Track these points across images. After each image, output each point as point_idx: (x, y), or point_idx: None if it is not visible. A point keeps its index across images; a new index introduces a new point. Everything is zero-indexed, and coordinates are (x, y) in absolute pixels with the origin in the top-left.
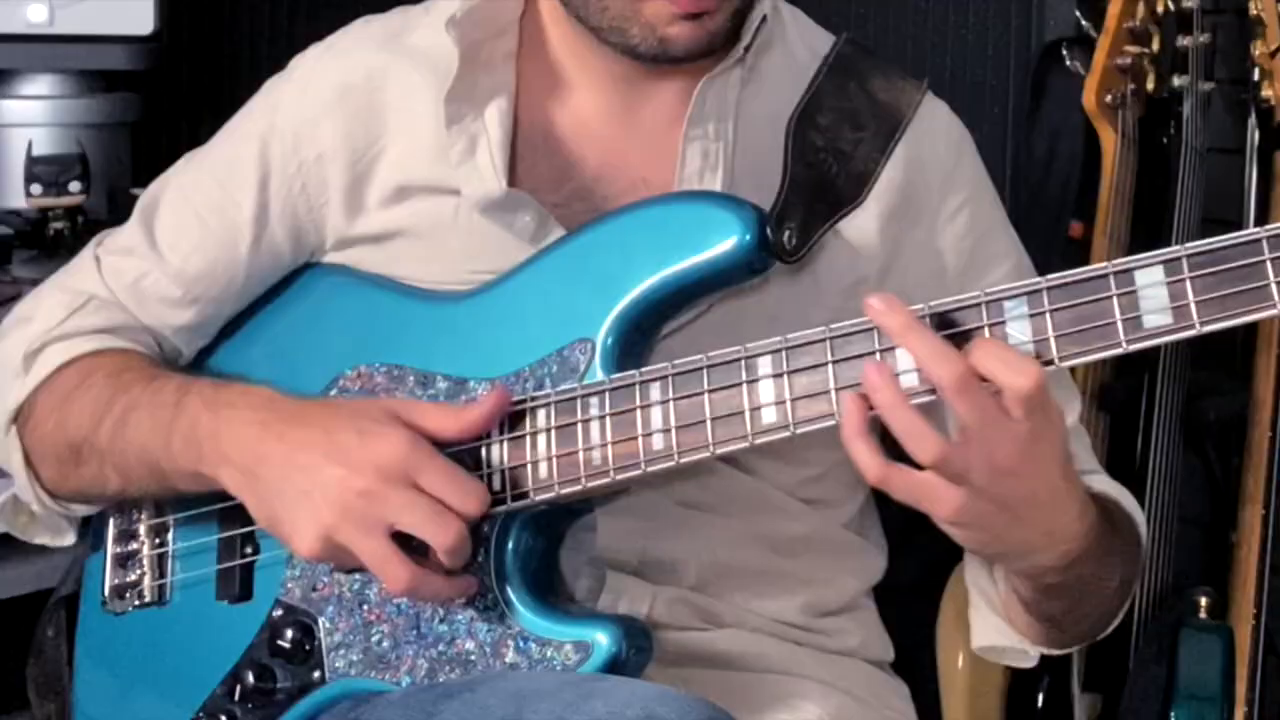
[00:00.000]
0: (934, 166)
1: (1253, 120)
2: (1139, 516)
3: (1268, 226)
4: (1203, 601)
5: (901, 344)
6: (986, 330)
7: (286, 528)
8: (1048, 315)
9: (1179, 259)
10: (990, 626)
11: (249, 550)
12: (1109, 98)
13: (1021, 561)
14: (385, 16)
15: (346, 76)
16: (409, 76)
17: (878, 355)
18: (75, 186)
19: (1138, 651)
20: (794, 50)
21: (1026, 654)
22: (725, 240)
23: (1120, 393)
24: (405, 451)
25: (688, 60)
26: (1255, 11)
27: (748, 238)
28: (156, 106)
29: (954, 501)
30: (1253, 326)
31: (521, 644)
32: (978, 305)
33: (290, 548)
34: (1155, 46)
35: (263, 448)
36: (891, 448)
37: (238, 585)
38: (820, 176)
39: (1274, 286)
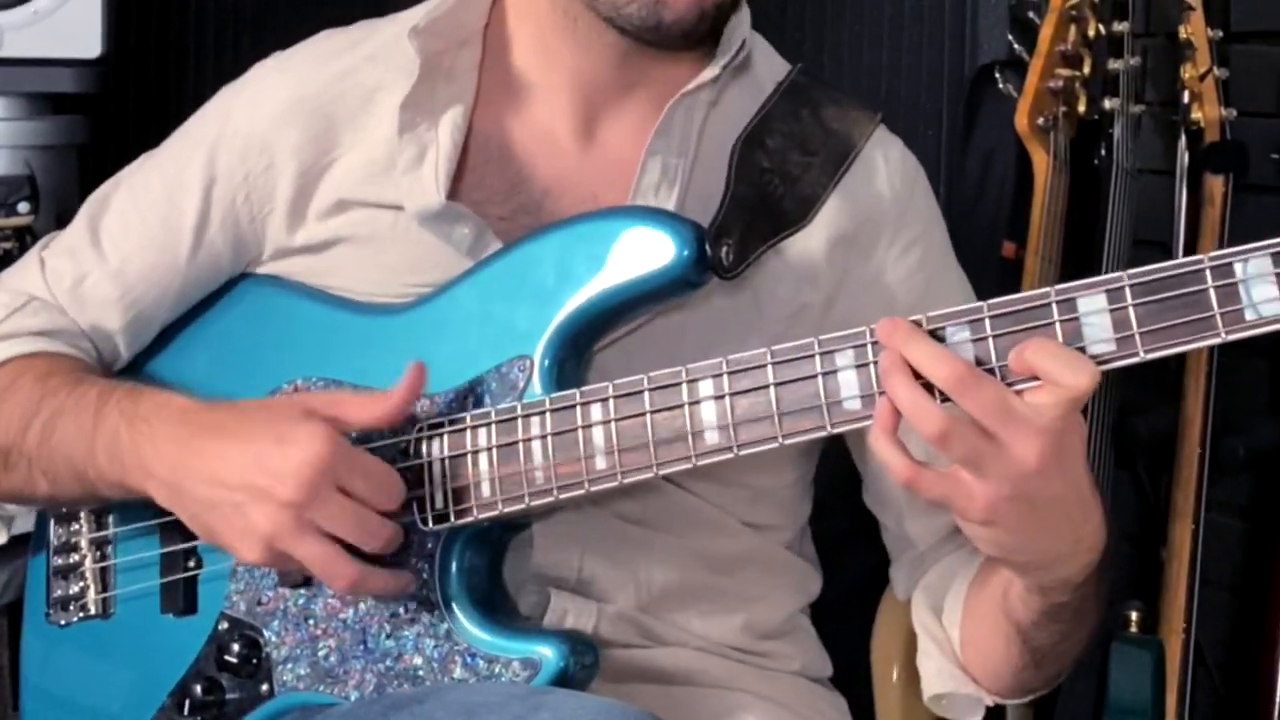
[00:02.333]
0: (887, 200)
1: (1183, 142)
2: None
3: (1211, 254)
4: (1133, 615)
5: (904, 353)
6: None
7: (226, 540)
8: (990, 341)
9: (1122, 286)
10: (945, 674)
11: (191, 564)
12: (1041, 120)
13: (1047, 573)
14: (347, 29)
15: (301, 88)
16: (367, 88)
17: (820, 379)
18: (24, 207)
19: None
20: (758, 76)
21: (979, 702)
22: (662, 255)
23: None
24: (325, 457)
25: (675, 33)
26: (1185, 35)
27: (685, 253)
28: (104, 128)
29: (985, 498)
30: None
31: (469, 660)
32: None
33: (237, 558)
34: (1086, 69)
35: (184, 464)
36: None
37: (181, 599)
38: (764, 196)
39: (1218, 315)
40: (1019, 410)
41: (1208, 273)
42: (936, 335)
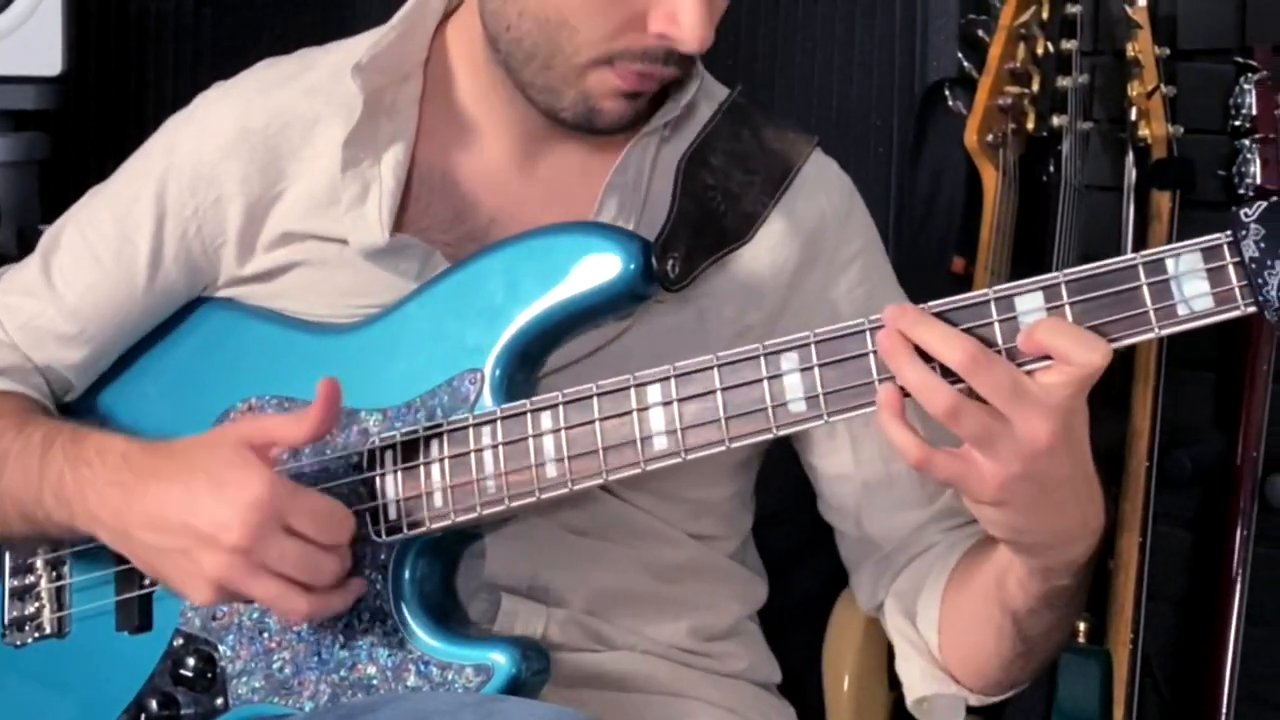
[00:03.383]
0: (828, 218)
1: (1130, 158)
2: None
3: (1143, 252)
4: (1081, 626)
5: (914, 335)
6: (871, 358)
7: (176, 584)
8: None
9: (1058, 284)
10: (927, 676)
11: (146, 581)
12: (990, 136)
13: (1053, 554)
14: (287, 59)
15: (246, 120)
16: (308, 121)
17: (765, 383)
18: None
19: None
20: (699, 103)
21: (962, 701)
22: (609, 268)
23: None
24: (266, 499)
25: (603, 132)
26: (1133, 53)
27: (632, 266)
28: (65, 145)
29: (996, 477)
30: (1130, 357)
31: (422, 668)
32: (861, 332)
33: (188, 601)
34: (1035, 87)
35: (128, 511)
36: None
37: (137, 616)
38: (708, 212)
39: (1151, 311)
40: (1030, 390)
41: (1140, 270)
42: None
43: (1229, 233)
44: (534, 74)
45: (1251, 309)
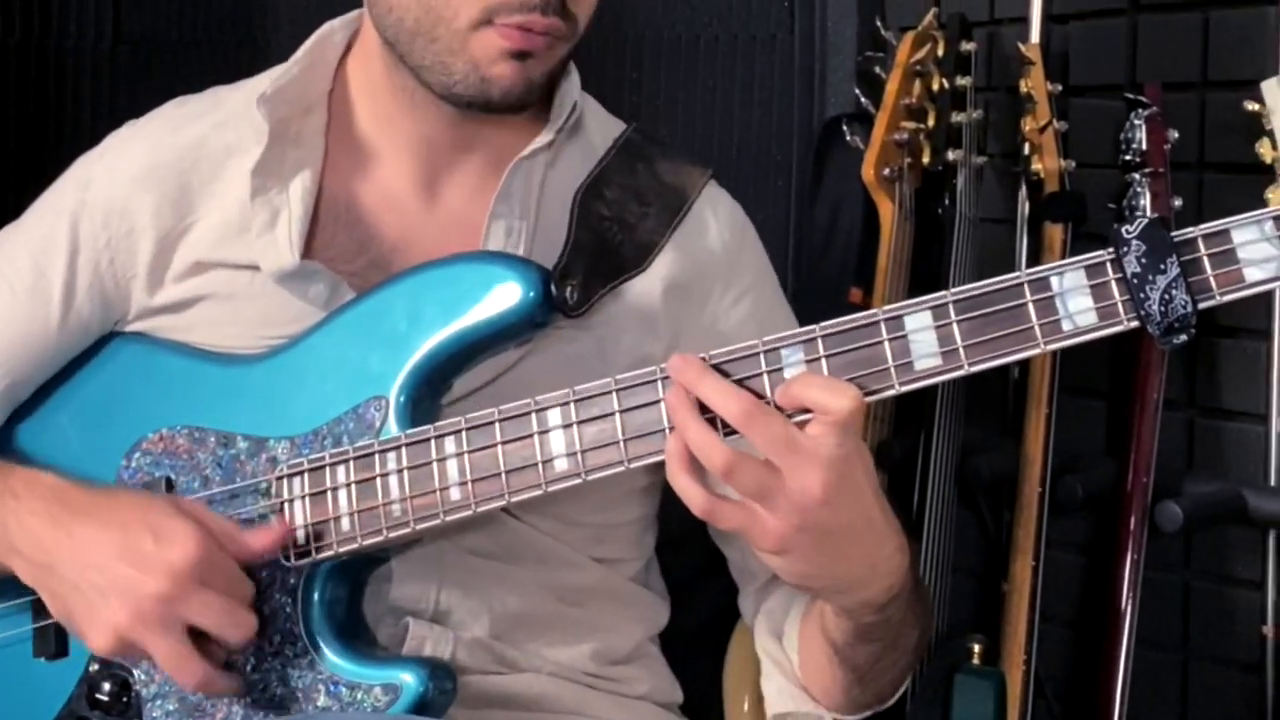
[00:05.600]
0: (719, 252)
1: (1023, 192)
2: None
3: (1027, 270)
4: (976, 648)
5: (696, 391)
6: (765, 377)
7: (81, 625)
8: (823, 361)
9: (945, 304)
10: (785, 694)
11: None
12: (887, 171)
13: (846, 597)
14: (196, 97)
15: (157, 156)
16: (220, 154)
17: (663, 406)
18: None
19: (914, 696)
20: (591, 137)
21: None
22: (510, 295)
23: (898, 450)
24: (200, 554)
25: (502, 106)
26: (1026, 89)
27: (531, 294)
28: None
29: (776, 530)
30: (1023, 386)
31: (332, 688)
32: (755, 354)
33: (85, 644)
34: (931, 122)
35: (53, 544)
36: None
37: (54, 643)
38: (604, 242)
39: (1037, 327)
40: (801, 443)
41: (1026, 287)
42: (773, 356)
43: (1111, 250)
44: (423, 52)
45: (1135, 323)
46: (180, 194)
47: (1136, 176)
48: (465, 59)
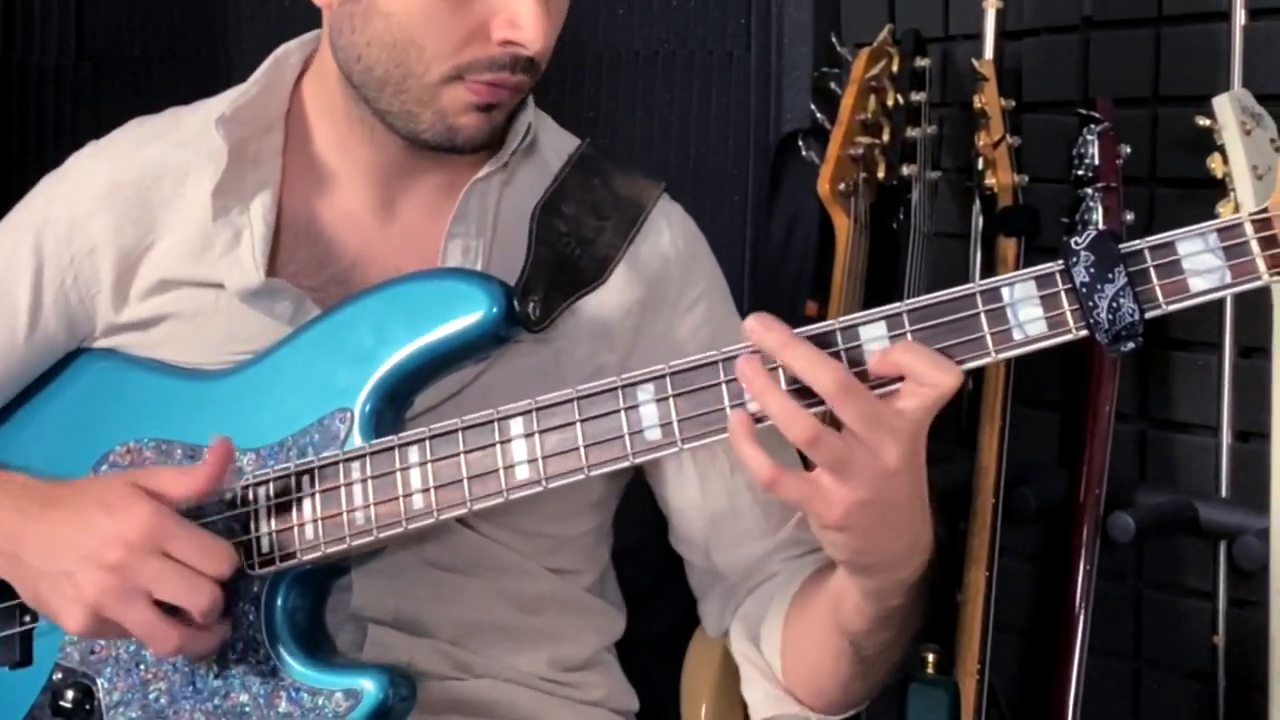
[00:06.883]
0: (673, 262)
1: (977, 206)
2: None
3: (980, 281)
4: (930, 658)
5: (781, 358)
6: (724, 388)
7: (53, 607)
8: (780, 371)
9: (900, 314)
10: (771, 698)
11: (27, 618)
12: (842, 185)
13: (886, 575)
14: (158, 117)
15: (117, 175)
16: (179, 173)
17: (622, 414)
18: None
19: (869, 705)
20: (545, 154)
21: None
22: (473, 311)
23: None
24: (151, 523)
25: (465, 150)
26: (980, 105)
27: (494, 309)
28: None
29: (845, 502)
30: (977, 398)
31: (294, 694)
32: (714, 364)
33: (61, 627)
34: (885, 137)
35: (21, 533)
36: None
37: (18, 651)
38: (563, 257)
39: (988, 336)
40: (887, 417)
41: (978, 298)
42: (728, 365)
43: (1060, 261)
44: (390, 100)
45: (1084, 332)
46: (141, 212)
47: (1089, 191)
48: (433, 110)
